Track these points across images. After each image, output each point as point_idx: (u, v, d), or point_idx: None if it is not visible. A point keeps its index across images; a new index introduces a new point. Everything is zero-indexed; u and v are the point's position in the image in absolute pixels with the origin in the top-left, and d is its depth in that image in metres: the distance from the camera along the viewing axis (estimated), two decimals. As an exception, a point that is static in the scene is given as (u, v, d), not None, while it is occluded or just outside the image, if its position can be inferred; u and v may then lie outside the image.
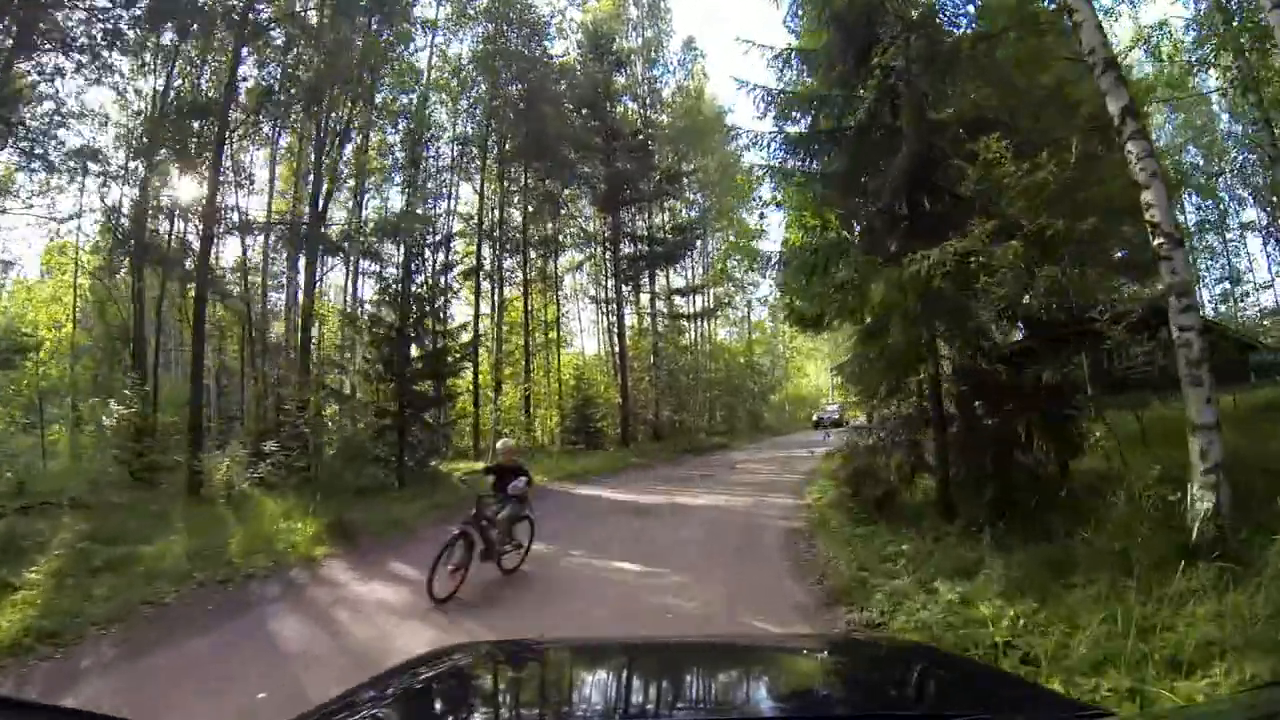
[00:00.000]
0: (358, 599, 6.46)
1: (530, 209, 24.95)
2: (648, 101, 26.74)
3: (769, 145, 9.10)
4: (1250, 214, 28.77)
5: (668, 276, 27.89)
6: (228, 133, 14.98)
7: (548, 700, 1.61)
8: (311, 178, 16.96)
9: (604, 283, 26.20)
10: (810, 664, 1.91)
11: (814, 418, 35.60)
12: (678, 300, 27.74)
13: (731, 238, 35.50)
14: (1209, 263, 30.63)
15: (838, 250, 8.77)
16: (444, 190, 25.09)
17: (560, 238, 25.36)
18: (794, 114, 9.12)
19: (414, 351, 15.48)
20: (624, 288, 24.57)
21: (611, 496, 12.94)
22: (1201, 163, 27.14)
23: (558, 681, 1.77)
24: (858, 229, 9.08)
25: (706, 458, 21.67)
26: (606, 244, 24.89)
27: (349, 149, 17.88)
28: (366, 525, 10.12)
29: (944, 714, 1.43)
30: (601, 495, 13.19)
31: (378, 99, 18.80)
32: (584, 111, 25.00)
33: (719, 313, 27.64)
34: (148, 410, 14.82)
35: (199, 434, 13.96)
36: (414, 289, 16.09)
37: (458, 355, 16.45)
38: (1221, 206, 29.43)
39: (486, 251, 24.98)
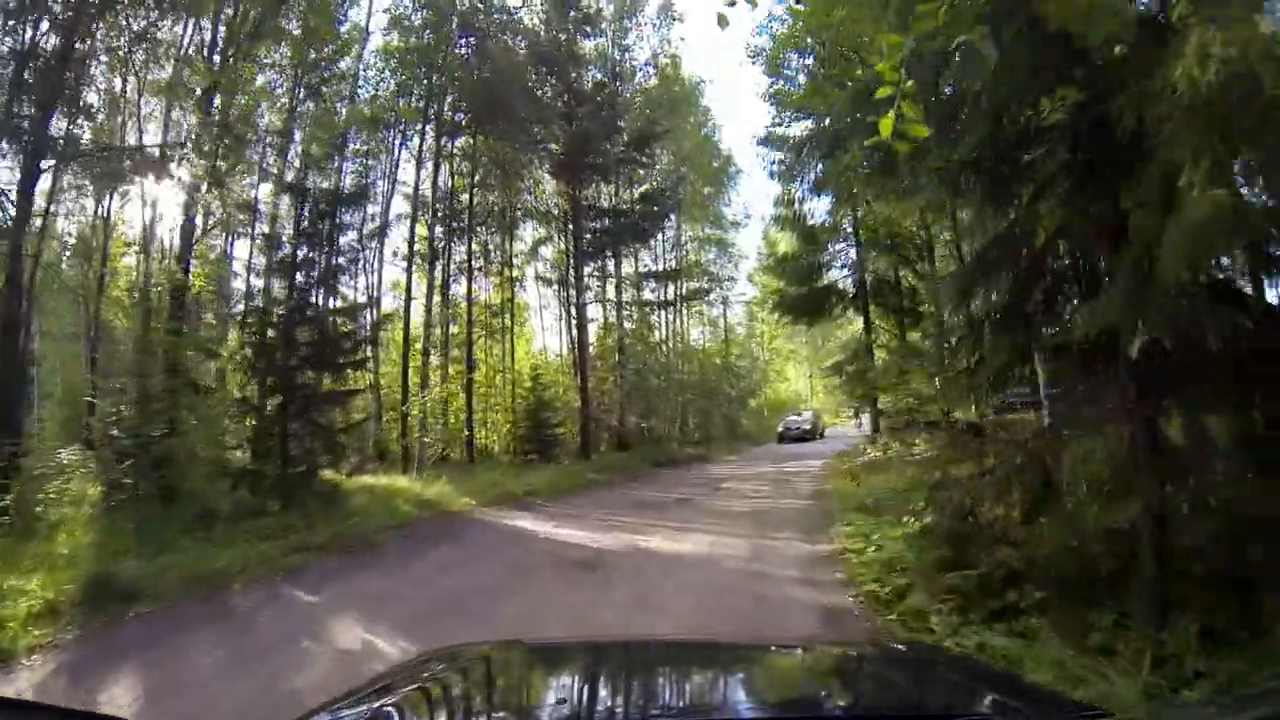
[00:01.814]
0: None
1: (478, 177, 21.27)
2: (618, 60, 23.18)
3: None
4: None
5: (635, 261, 24.35)
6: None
7: (548, 700, 1.61)
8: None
9: (563, 266, 22.51)
10: (810, 665, 1.88)
11: (780, 428, 31.30)
12: (646, 291, 24.11)
13: (706, 230, 32.41)
14: None
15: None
16: (376, 157, 21.46)
17: (514, 212, 21.64)
18: None
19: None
20: (585, 268, 20.90)
21: (554, 535, 9.32)
22: None
23: (558, 682, 1.76)
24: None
25: (681, 473, 18.16)
26: (566, 219, 21.22)
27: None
28: (154, 583, 6.45)
29: (944, 714, 1.44)
30: (540, 533, 9.56)
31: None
32: (544, 71, 21.42)
33: (693, 303, 24.20)
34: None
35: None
36: (309, 255, 12.43)
37: (359, 340, 12.66)
38: None
39: (423, 231, 21.38)
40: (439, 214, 19.14)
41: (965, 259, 9.75)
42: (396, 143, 20.77)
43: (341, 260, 12.87)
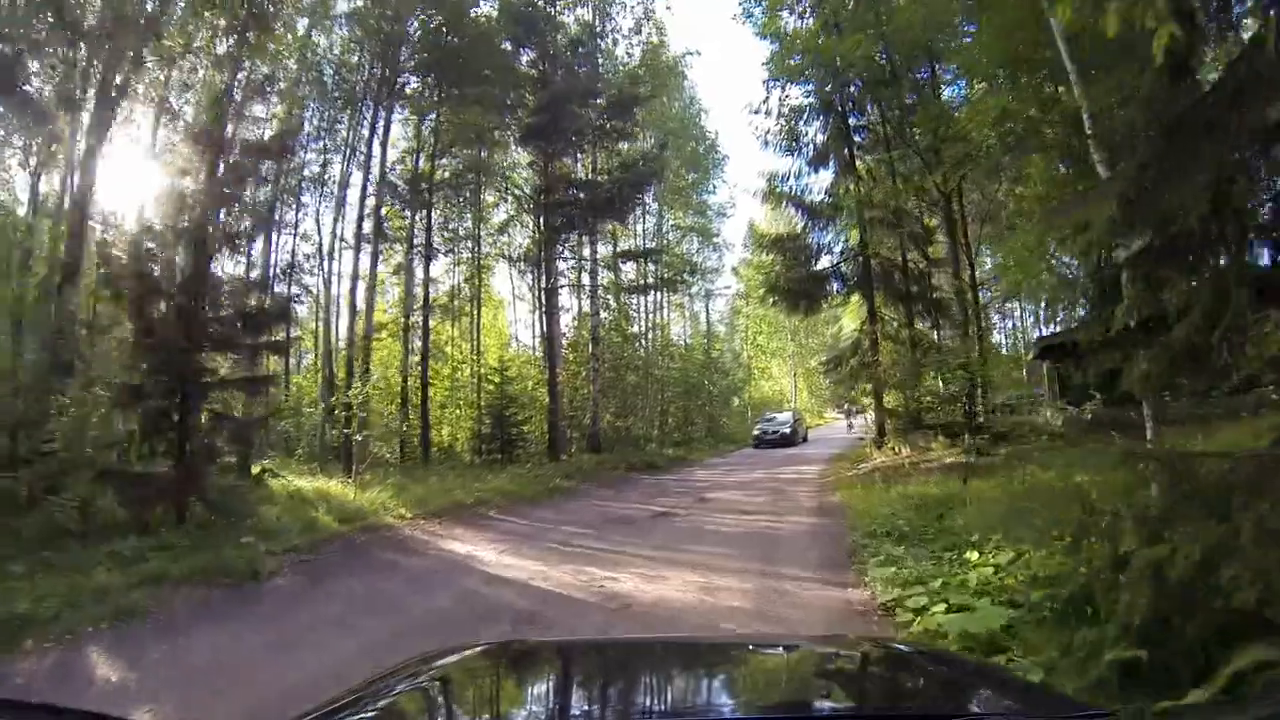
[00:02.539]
0: None
1: (442, 145, 19.03)
2: (598, 26, 21.00)
3: None
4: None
5: (614, 243, 22.21)
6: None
7: (547, 700, 1.60)
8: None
9: (535, 246, 20.29)
10: (809, 664, 1.86)
11: (754, 431, 27.06)
12: (626, 274, 21.93)
13: (689, 219, 30.44)
14: None
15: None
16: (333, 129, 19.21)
17: (481, 185, 19.43)
18: None
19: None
20: (557, 248, 18.71)
21: (496, 567, 7.24)
22: None
23: (558, 681, 1.74)
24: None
25: (660, 478, 16.14)
26: (539, 195, 19.01)
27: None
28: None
29: (944, 714, 1.41)
30: (479, 562, 7.49)
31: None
32: (519, 33, 19.17)
33: (673, 290, 21.99)
34: None
35: None
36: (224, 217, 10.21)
37: (273, 315, 10.48)
38: None
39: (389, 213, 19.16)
40: (396, 188, 16.86)
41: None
42: (362, 114, 18.50)
43: (249, 225, 10.46)
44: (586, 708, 1.52)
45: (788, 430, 25.88)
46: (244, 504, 9.32)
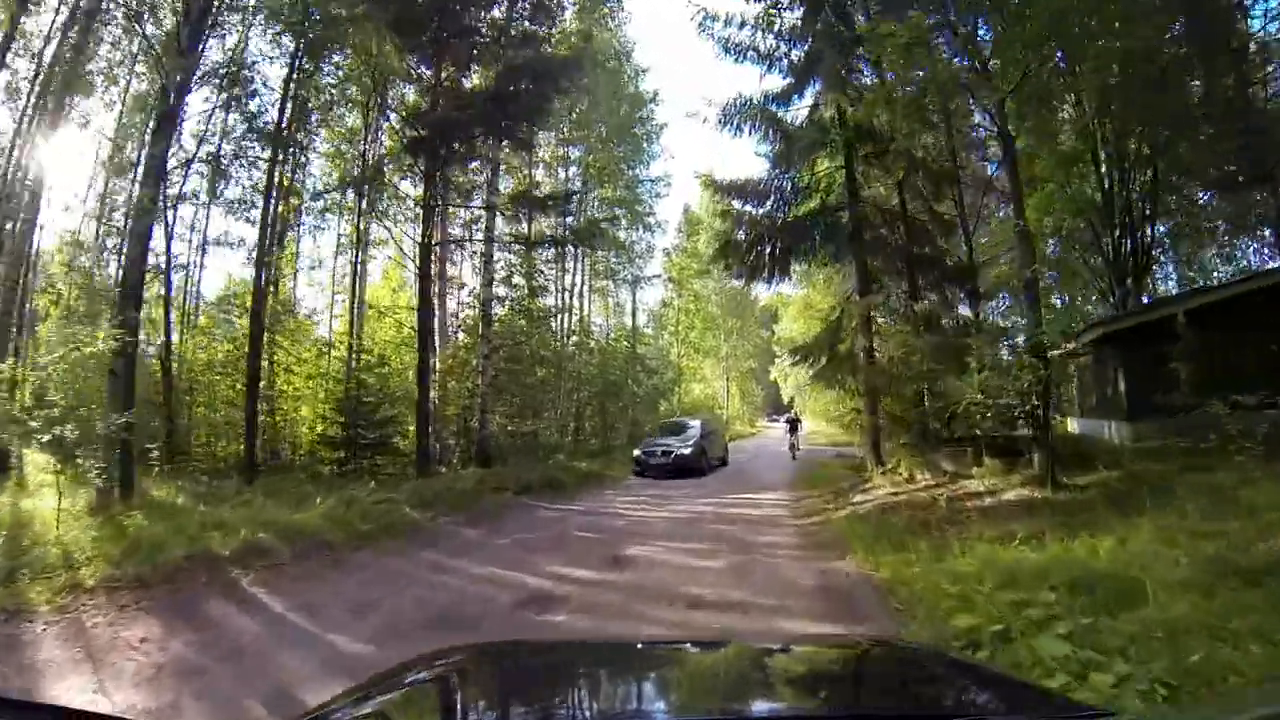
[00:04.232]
0: None
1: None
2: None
3: None
4: None
5: (533, 177, 17.04)
6: None
7: (547, 700, 1.55)
8: None
9: (409, 179, 15.01)
10: (809, 664, 1.82)
11: (637, 452, 17.29)
12: (532, 228, 16.71)
13: (618, 191, 25.91)
14: None
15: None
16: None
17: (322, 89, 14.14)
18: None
19: None
20: (438, 184, 13.52)
21: None
22: None
23: (557, 682, 1.69)
24: None
25: (561, 508, 11.36)
26: (406, 121, 13.79)
27: None
28: None
29: (944, 714, 1.42)
30: None
31: None
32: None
33: (594, 242, 16.98)
34: None
35: None
36: None
37: None
38: None
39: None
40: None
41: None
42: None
43: None
44: (586, 708, 1.48)
45: (688, 450, 16.09)
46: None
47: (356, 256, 19.40)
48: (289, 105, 15.30)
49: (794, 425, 19.69)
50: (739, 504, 10.71)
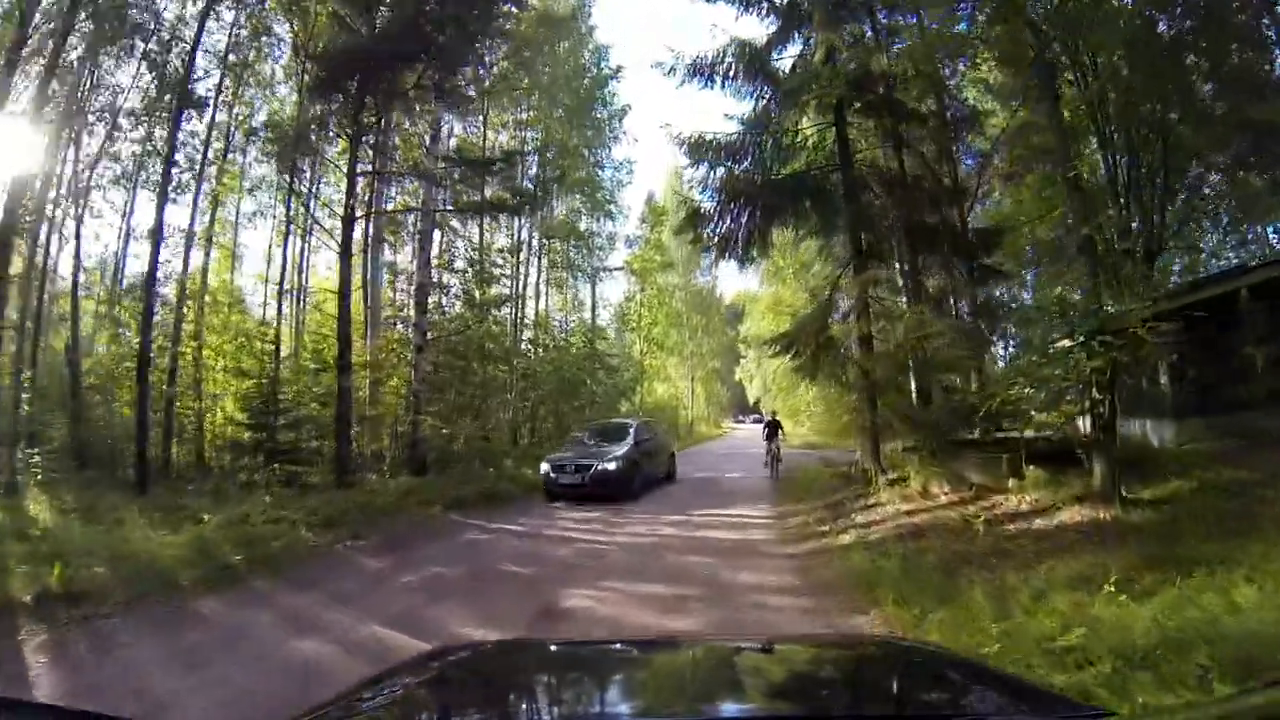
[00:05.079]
0: None
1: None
2: None
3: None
4: None
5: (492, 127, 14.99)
6: None
7: (547, 700, 1.54)
8: None
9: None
10: (810, 663, 1.81)
11: (544, 467, 12.50)
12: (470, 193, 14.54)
13: (578, 172, 24.05)
14: None
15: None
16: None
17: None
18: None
19: None
20: (365, 140, 11.41)
21: None
22: None
23: (557, 681, 1.68)
24: None
25: (498, 526, 9.41)
26: (315, 59, 11.67)
27: None
28: None
29: (945, 714, 1.42)
30: None
31: None
32: None
33: (536, 206, 14.90)
34: None
35: None
36: None
37: None
38: None
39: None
40: None
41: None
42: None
43: None
44: (587, 707, 1.48)
45: (612, 464, 11.92)
46: None
47: (286, 241, 17.19)
48: (197, 56, 13.16)
49: (773, 430, 15.10)
50: (712, 523, 8.89)
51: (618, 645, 2.29)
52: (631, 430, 13.53)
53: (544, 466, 12.43)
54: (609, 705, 1.49)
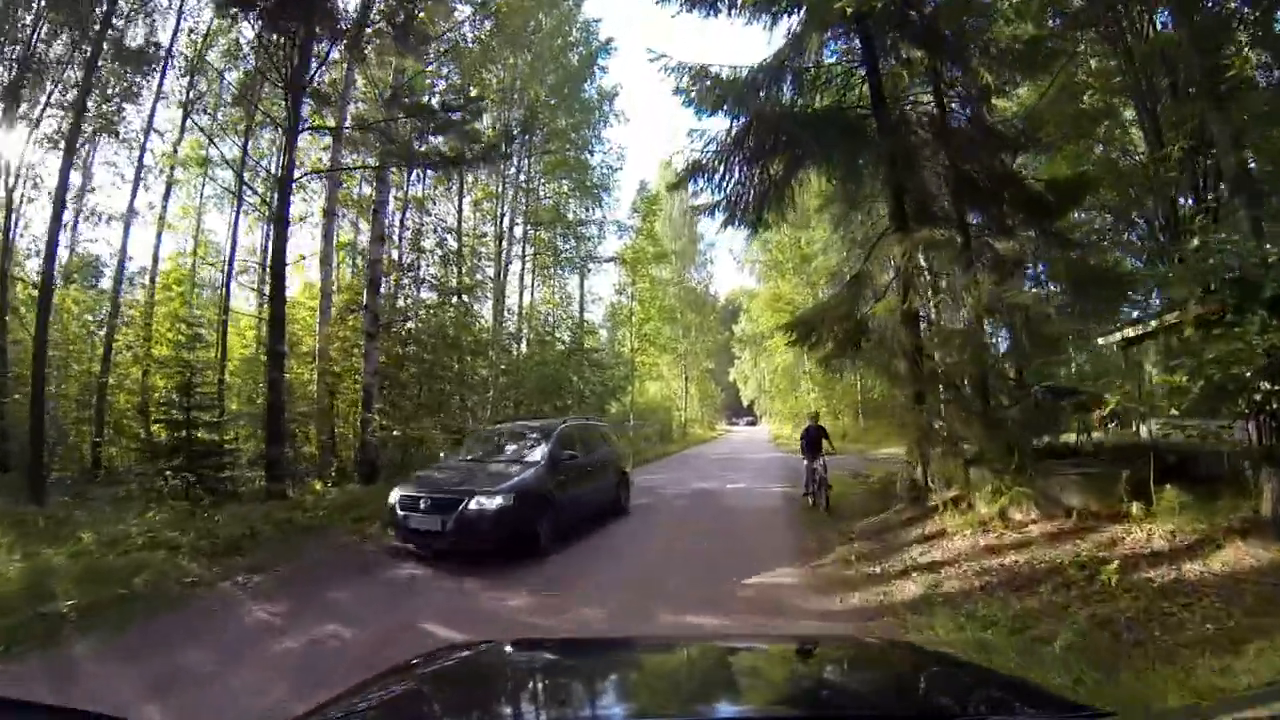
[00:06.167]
0: None
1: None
2: None
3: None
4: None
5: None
6: None
7: (546, 700, 1.52)
8: None
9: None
10: (811, 664, 1.77)
11: (393, 499, 7.65)
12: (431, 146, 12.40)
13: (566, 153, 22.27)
14: None
15: None
16: None
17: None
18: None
19: None
20: (299, 95, 9.45)
21: None
22: None
23: (556, 681, 1.66)
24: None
25: (428, 566, 7.19)
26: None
27: None
28: None
29: (946, 714, 1.39)
30: None
31: None
32: None
33: (495, 159, 12.80)
34: None
35: None
36: None
37: None
38: None
39: None
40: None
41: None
42: None
43: None
44: (586, 707, 1.45)
45: (496, 502, 7.00)
46: None
47: (237, 218, 15.20)
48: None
49: (815, 441, 10.12)
50: (711, 553, 6.92)
51: (617, 645, 2.22)
52: (551, 438, 8.41)
53: (392, 496, 7.71)
54: (608, 705, 1.46)
